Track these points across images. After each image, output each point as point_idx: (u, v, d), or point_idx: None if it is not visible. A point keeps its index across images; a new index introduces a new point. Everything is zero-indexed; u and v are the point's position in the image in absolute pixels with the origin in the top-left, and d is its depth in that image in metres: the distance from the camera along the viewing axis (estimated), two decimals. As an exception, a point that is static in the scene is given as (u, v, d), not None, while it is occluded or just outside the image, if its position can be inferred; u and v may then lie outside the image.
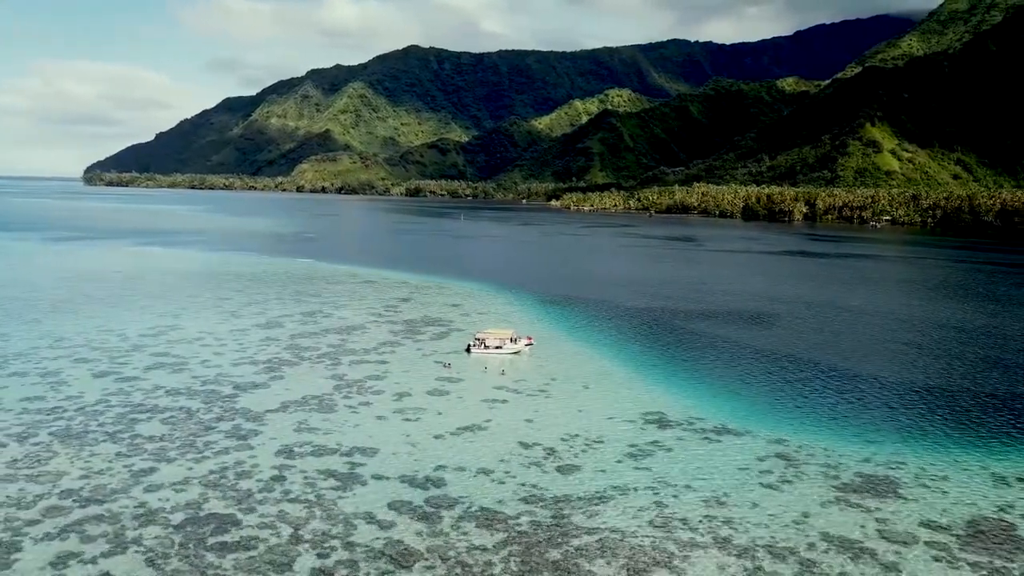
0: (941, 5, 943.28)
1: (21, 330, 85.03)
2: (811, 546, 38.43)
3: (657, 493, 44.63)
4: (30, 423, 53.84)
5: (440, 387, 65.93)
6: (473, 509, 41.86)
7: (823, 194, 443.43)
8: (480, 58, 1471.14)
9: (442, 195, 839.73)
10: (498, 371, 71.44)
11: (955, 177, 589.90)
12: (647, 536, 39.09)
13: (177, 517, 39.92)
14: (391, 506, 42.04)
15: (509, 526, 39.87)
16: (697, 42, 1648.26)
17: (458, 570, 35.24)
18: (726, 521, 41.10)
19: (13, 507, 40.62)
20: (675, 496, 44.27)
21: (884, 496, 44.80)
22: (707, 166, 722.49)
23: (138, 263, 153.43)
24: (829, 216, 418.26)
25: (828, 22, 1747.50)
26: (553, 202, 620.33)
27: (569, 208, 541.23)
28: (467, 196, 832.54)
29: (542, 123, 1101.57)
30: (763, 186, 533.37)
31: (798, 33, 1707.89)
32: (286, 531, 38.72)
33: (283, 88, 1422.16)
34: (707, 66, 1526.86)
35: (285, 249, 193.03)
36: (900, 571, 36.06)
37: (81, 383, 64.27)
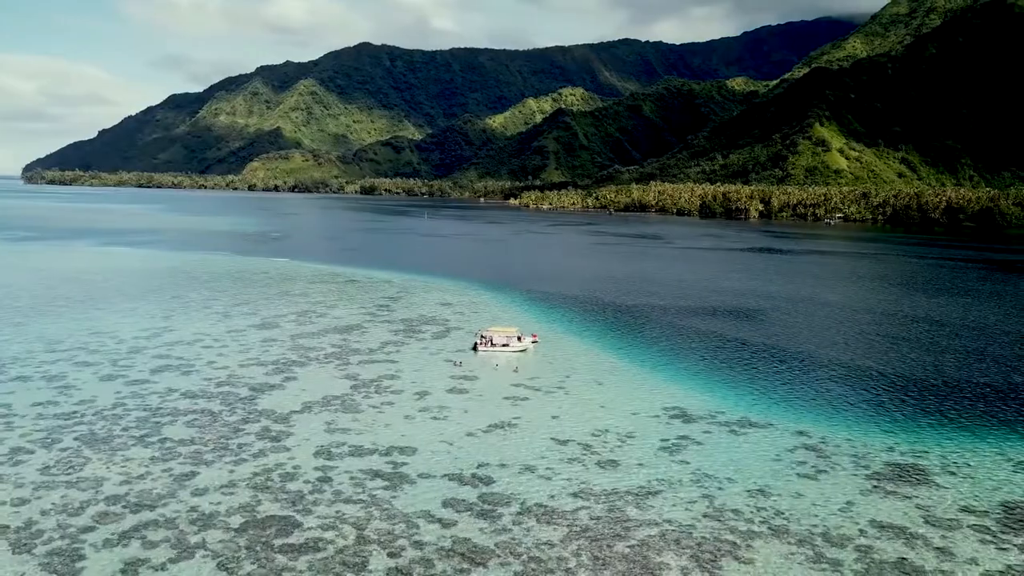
0: (883, 8, 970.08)
1: (7, 333, 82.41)
2: (863, 532, 39.74)
3: (702, 485, 45.54)
4: (51, 428, 52.42)
5: (458, 385, 65.99)
6: (528, 505, 42.20)
7: (777, 192, 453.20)
8: (433, 56, 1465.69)
9: (397, 193, 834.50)
10: (510, 368, 71.76)
11: (900, 175, 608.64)
12: (705, 527, 39.94)
13: (235, 520, 39.43)
14: (446, 504, 42.14)
15: (569, 521, 40.33)
16: (648, 42, 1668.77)
17: (533, 565, 35.58)
18: (776, 511, 42.20)
19: (62, 514, 39.65)
20: (720, 488, 45.23)
21: (917, 484, 46.45)
22: (661, 165, 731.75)
23: (109, 263, 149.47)
24: (784, 213, 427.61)
25: (773, 23, 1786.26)
26: (512, 200, 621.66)
27: (528, 207, 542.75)
28: (423, 194, 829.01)
29: (496, 121, 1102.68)
30: (717, 184, 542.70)
31: (745, 34, 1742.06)
32: (350, 532, 38.57)
33: (231, 85, 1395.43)
34: (658, 65, 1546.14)
35: (256, 248, 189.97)
36: (953, 555, 37.54)
37: (91, 387, 62.70)
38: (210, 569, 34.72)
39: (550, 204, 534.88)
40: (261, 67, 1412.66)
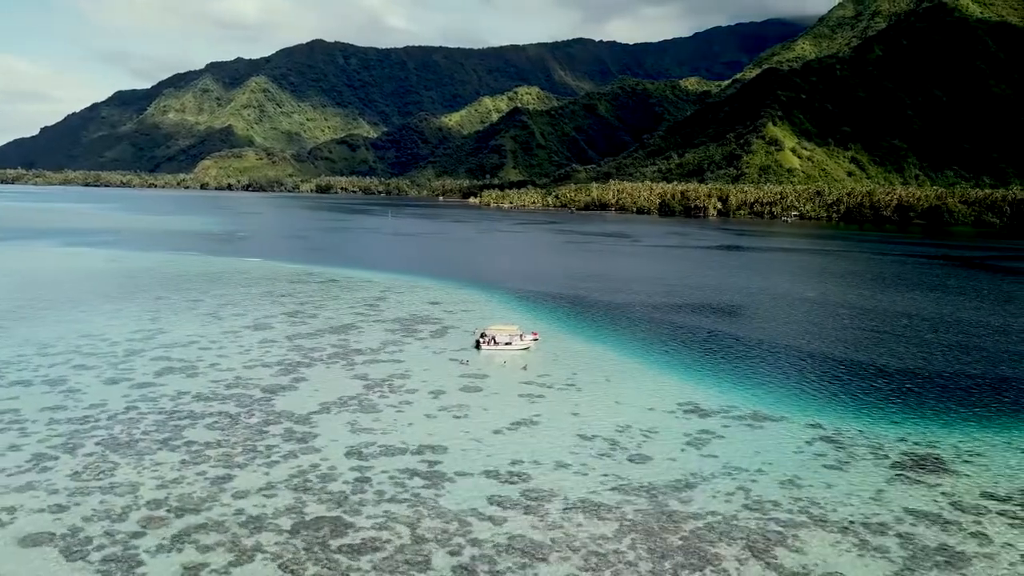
0: (830, 11, 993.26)
1: (-7, 337, 79.96)
2: (899, 520, 41.15)
3: (734, 478, 46.58)
4: (69, 433, 51.21)
5: (470, 384, 66.15)
6: (572, 501, 42.71)
7: (734, 191, 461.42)
8: (387, 54, 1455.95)
9: (354, 192, 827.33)
10: (519, 366, 72.15)
11: (850, 174, 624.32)
12: (749, 519, 40.92)
13: (284, 522, 39.16)
14: (491, 501, 42.41)
15: (616, 515, 40.95)
16: (602, 41, 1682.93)
17: (594, 560, 36.10)
18: (811, 501, 43.42)
19: (104, 520, 38.89)
20: (753, 480, 46.33)
21: (937, 472, 48.19)
22: (618, 164, 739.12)
23: (78, 264, 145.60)
24: (741, 211, 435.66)
25: (724, 24, 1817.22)
26: (472, 199, 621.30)
27: (489, 205, 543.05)
28: (380, 193, 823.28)
29: (452, 120, 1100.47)
30: (675, 183, 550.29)
31: (696, 35, 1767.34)
32: (404, 531, 38.60)
33: (180, 81, 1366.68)
34: (611, 65, 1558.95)
35: (225, 248, 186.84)
36: (990, 539, 39.13)
37: (97, 391, 61.30)
38: (273, 571, 34.48)
39: (511, 203, 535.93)
40: (211, 63, 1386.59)
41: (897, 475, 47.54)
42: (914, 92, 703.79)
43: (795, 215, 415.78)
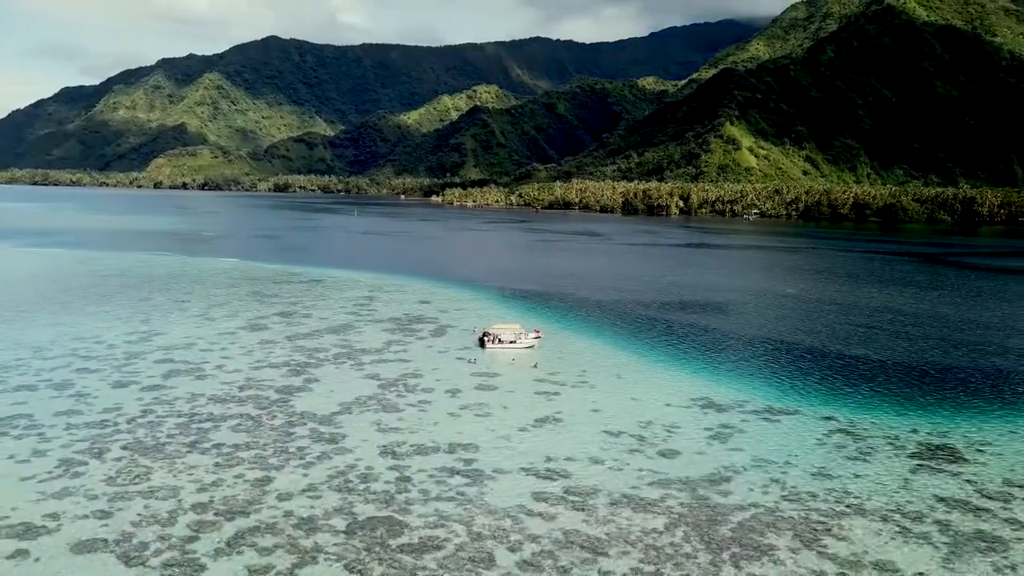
0: (783, 12, 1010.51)
1: (-18, 341, 77.69)
2: (932, 508, 42.64)
3: (766, 471, 47.68)
4: (91, 438, 50.21)
5: (484, 383, 66.36)
6: (615, 496, 43.31)
7: (696, 189, 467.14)
8: (344, 51, 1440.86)
9: (313, 190, 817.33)
10: (528, 364, 72.53)
11: (805, 173, 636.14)
12: (791, 509, 42.00)
13: (338, 523, 39.07)
14: (537, 498, 42.80)
15: (662, 509, 41.68)
16: (559, 40, 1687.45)
17: (653, 553, 36.75)
18: (844, 491, 44.70)
19: (154, 525, 38.35)
20: (783, 472, 47.48)
21: (956, 461, 49.92)
22: (578, 163, 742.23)
23: (50, 266, 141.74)
24: (703, 210, 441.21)
25: (679, 24, 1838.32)
26: (434, 198, 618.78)
27: (452, 203, 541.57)
28: (339, 191, 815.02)
29: (411, 118, 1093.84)
30: (637, 182, 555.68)
31: (652, 34, 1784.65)
32: (460, 528, 38.80)
33: (130, 78, 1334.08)
34: (569, 64, 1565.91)
35: (198, 248, 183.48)
36: (1023, 524, 40.81)
37: (107, 394, 60.09)
38: (339, 572, 34.43)
39: (474, 201, 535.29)
40: (163, 60, 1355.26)
41: (919, 465, 49.14)
42: (865, 92, 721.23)
43: (755, 213, 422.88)
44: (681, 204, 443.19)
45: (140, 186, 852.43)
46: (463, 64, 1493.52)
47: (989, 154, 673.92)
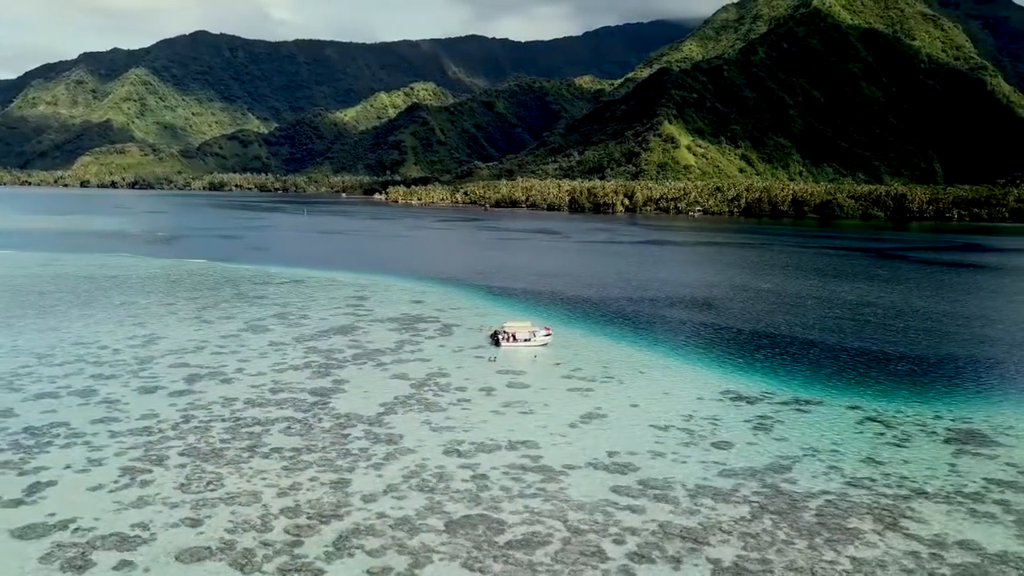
0: (714, 14, 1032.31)
1: (-25, 348, 74.34)
2: (987, 489, 45.11)
3: (819, 459, 49.57)
4: (141, 445, 48.90)
5: (514, 380, 66.82)
6: (690, 487, 44.46)
7: (639, 187, 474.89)
8: (276, 47, 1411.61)
9: (249, 189, 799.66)
10: (550, 362, 73.32)
11: (741, 171, 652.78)
12: (859, 495, 43.81)
13: (435, 523, 39.15)
14: (617, 491, 43.63)
15: (740, 499, 42.99)
16: (495, 39, 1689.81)
17: (751, 540, 37.98)
18: (901, 476, 46.87)
19: (251, 531, 37.79)
20: (836, 460, 49.42)
21: (990, 445, 52.74)
22: (519, 161, 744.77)
23: (9, 268, 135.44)
24: (647, 208, 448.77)
25: (613, 24, 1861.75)
26: (377, 196, 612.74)
27: (397, 202, 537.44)
28: (277, 190, 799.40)
29: (348, 115, 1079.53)
30: (578, 180, 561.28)
31: (587, 34, 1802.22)
32: (557, 524, 39.33)
33: (50, 72, 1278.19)
34: (505, 63, 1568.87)
35: (159, 249, 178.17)
36: (1072, 501, 43.59)
37: (137, 401, 58.41)
38: (458, 571, 34.62)
39: (419, 199, 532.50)
40: (85, 54, 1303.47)
41: (958, 449, 51.78)
42: (795, 93, 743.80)
43: (699, 210, 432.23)
44: (626, 202, 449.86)
45: (66, 185, 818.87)
46: (399, 61, 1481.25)
47: (911, 153, 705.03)
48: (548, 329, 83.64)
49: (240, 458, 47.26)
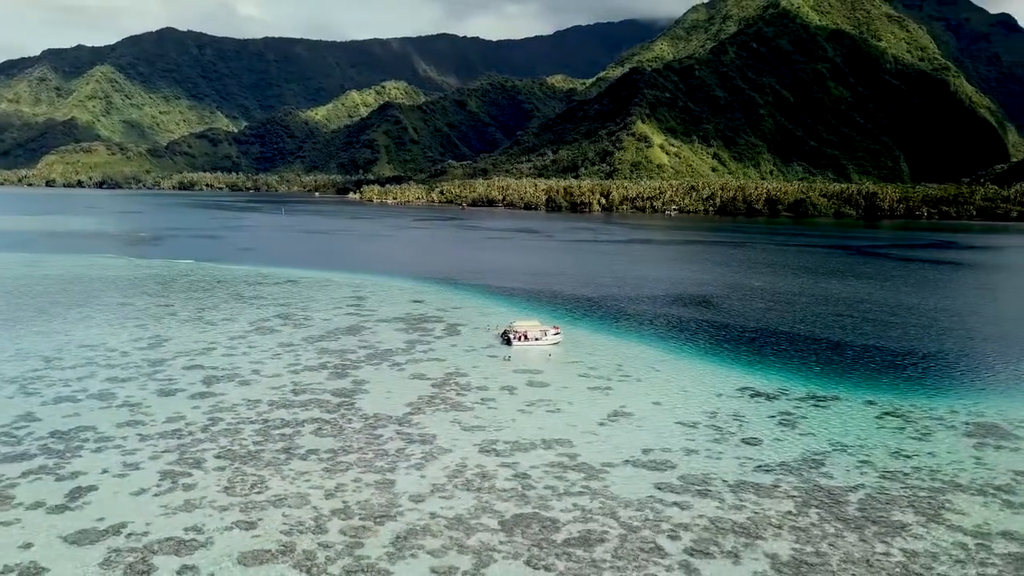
0: (684, 14, 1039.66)
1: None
2: (1017, 480, 46.29)
3: (849, 453, 50.49)
4: (174, 448, 48.39)
5: (534, 379, 67.04)
6: (731, 483, 45.06)
7: (615, 186, 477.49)
8: (245, 44, 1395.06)
9: (220, 188, 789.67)
10: (566, 360, 73.66)
11: (713, 169, 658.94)
12: (896, 488, 44.71)
13: (490, 522, 39.30)
14: (660, 488, 44.11)
15: (783, 493, 43.68)
16: (465, 37, 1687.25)
17: (802, 534, 38.66)
18: (931, 469, 47.93)
19: (308, 532, 37.64)
20: (866, 454, 50.37)
21: (1009, 438, 54.06)
22: (493, 160, 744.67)
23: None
24: (624, 206, 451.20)
25: (584, 23, 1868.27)
26: (351, 195, 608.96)
27: (372, 201, 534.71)
28: (248, 189, 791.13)
29: (319, 114, 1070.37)
30: (553, 179, 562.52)
31: (558, 33, 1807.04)
32: (610, 521, 39.69)
33: (12, 69, 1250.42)
34: (476, 61, 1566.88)
35: (144, 250, 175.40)
36: (1100, 491, 44.93)
37: (159, 404, 57.71)
38: (523, 569, 34.81)
39: (395, 198, 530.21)
40: (48, 50, 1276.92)
41: (978, 442, 53.03)
42: (765, 92, 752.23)
43: (675, 209, 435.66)
44: (603, 201, 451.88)
45: (31, 184, 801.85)
46: (369, 60, 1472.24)
47: (878, 152, 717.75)
48: (557, 328, 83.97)
49: (278, 460, 46.96)
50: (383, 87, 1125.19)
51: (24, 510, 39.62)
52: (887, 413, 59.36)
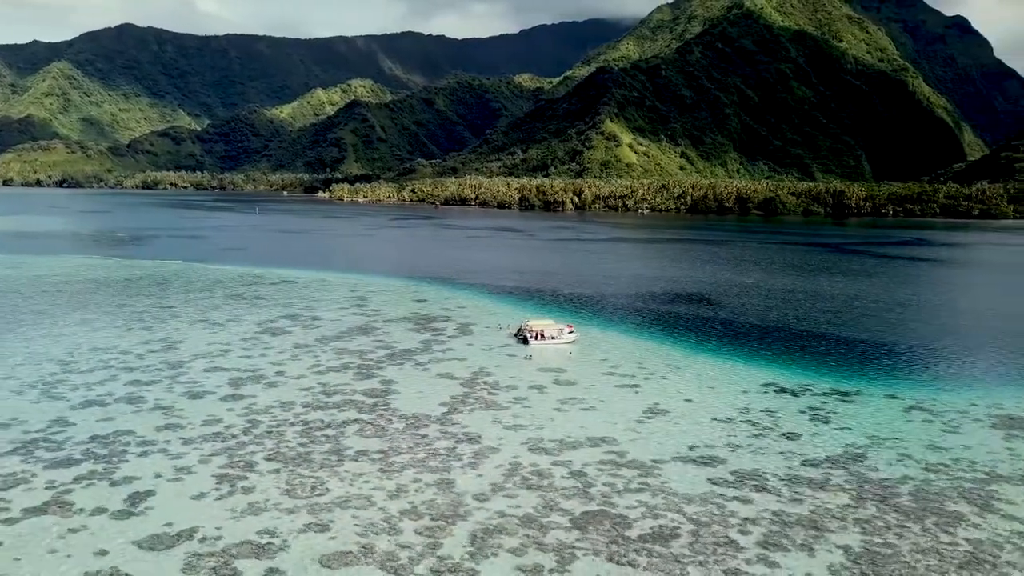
0: (649, 14, 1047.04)
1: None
2: (1052, 471, 47.89)
3: (887, 446, 51.64)
4: (222, 451, 47.85)
5: (561, 378, 67.35)
6: (783, 478, 45.84)
7: (587, 185, 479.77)
8: (207, 41, 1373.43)
9: (185, 187, 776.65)
10: (587, 359, 74.11)
11: (681, 168, 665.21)
12: (943, 479, 45.91)
13: (559, 520, 39.54)
14: (715, 483, 44.75)
15: (836, 487, 44.56)
16: (431, 35, 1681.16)
17: (867, 526, 39.52)
18: (970, 461, 49.26)
19: (384, 534, 37.55)
20: (904, 447, 51.55)
21: (1033, 429, 55.85)
22: (463, 158, 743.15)
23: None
24: (596, 205, 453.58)
25: (549, 23, 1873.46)
26: (320, 193, 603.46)
27: (342, 199, 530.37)
28: (214, 188, 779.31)
29: (284, 112, 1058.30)
30: (524, 178, 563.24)
31: (523, 32, 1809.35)
32: (677, 517, 40.17)
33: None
34: (441, 60, 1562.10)
35: (128, 251, 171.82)
36: None
37: (191, 406, 56.92)
38: (606, 566, 35.11)
39: (365, 197, 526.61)
40: (1, 46, 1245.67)
41: (1007, 434, 54.61)
42: (731, 92, 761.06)
43: (647, 208, 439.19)
44: (576, 200, 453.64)
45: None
46: (334, 57, 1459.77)
47: (841, 151, 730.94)
48: (571, 327, 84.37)
49: (330, 462, 46.68)
50: (349, 85, 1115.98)
51: (87, 516, 38.94)
52: (912, 407, 60.74)
